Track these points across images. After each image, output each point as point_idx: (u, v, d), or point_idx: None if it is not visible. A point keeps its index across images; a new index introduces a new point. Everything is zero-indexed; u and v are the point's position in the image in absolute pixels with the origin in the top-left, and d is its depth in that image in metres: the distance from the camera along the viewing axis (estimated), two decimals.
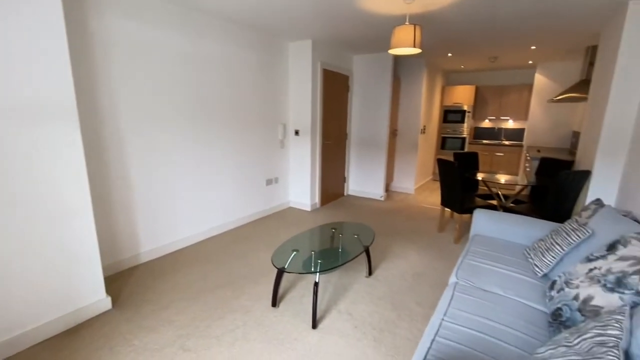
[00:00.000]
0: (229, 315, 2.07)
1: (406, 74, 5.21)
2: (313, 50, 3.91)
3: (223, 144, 3.34)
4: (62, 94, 1.74)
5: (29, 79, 1.62)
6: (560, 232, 1.85)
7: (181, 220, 3.03)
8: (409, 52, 2.58)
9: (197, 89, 2.98)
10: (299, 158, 4.28)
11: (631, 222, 1.60)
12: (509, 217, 2.40)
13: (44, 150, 1.71)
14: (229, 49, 3.23)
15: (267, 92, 3.81)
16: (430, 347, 1.24)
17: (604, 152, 2.68)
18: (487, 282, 1.73)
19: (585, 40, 3.72)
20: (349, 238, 2.47)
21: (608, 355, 0.86)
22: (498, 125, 6.35)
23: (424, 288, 2.43)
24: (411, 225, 3.84)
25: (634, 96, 2.52)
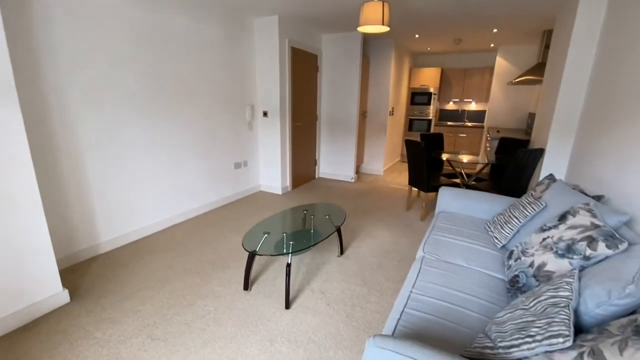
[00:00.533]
0: (199, 301, 2.02)
1: (375, 54, 5.19)
2: (280, 27, 3.75)
3: (187, 125, 3.16)
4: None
5: None
6: (518, 206, 1.97)
7: (142, 207, 2.87)
8: (378, 30, 2.55)
9: (155, 65, 2.76)
10: (269, 140, 4.17)
11: (579, 194, 1.73)
12: (472, 193, 2.52)
13: None
14: (189, 23, 3.01)
15: (232, 70, 3.62)
16: (399, 317, 1.28)
17: (556, 131, 2.86)
18: (452, 255, 1.82)
19: (543, 24, 3.89)
20: (320, 219, 2.47)
21: (560, 315, 0.93)
22: (462, 107, 6.59)
23: (393, 263, 2.52)
24: (380, 205, 3.93)
25: (584, 79, 2.68)
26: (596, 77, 2.50)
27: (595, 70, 2.55)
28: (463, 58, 6.33)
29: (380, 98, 5.32)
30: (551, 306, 0.99)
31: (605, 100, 2.27)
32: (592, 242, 1.23)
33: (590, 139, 2.42)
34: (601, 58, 2.46)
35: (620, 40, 2.17)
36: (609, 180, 1.98)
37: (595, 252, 1.20)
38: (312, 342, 1.70)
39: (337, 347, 1.66)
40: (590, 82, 2.62)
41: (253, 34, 3.86)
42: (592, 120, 2.45)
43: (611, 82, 2.22)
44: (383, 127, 5.39)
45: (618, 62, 2.15)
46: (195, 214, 3.43)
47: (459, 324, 1.26)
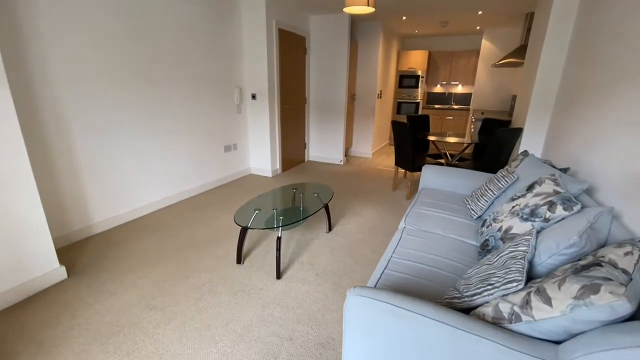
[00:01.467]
0: (194, 274, 2.12)
1: (363, 37, 5.21)
2: (267, 7, 3.73)
3: (176, 108, 3.18)
4: None
5: None
6: (493, 180, 2.10)
7: (134, 189, 2.91)
8: (363, 11, 2.59)
9: (142, 44, 2.75)
10: (258, 123, 4.21)
11: (548, 167, 1.87)
12: (452, 170, 2.65)
13: None
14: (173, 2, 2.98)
15: (220, 52, 3.62)
16: (380, 277, 1.41)
17: (534, 111, 3.00)
18: (431, 225, 1.95)
19: (526, 6, 3.97)
20: (309, 197, 2.57)
21: (516, 265, 1.07)
22: (449, 90, 6.69)
23: (378, 237, 2.65)
24: (368, 185, 4.05)
25: (560, 60, 2.80)
26: (570, 60, 2.62)
27: (570, 51, 2.67)
28: (450, 41, 6.39)
29: (368, 81, 5.37)
30: (510, 259, 1.12)
31: (576, 82, 2.40)
32: (551, 206, 1.37)
33: (564, 118, 2.55)
34: (576, 40, 2.57)
35: (590, 27, 2.28)
36: (577, 155, 2.12)
37: (553, 214, 1.34)
38: (302, 307, 1.82)
39: (325, 310, 1.80)
40: (565, 65, 2.74)
41: (240, 13, 3.84)
42: (565, 101, 2.58)
43: (580, 66, 2.34)
44: (371, 110, 5.47)
45: (589, 45, 2.27)
46: (187, 195, 3.49)
47: (433, 281, 1.40)
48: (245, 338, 1.60)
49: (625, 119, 1.57)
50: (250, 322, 1.71)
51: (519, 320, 0.90)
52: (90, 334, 1.62)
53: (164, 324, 1.69)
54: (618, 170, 1.55)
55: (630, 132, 1.50)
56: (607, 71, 1.88)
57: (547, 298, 0.85)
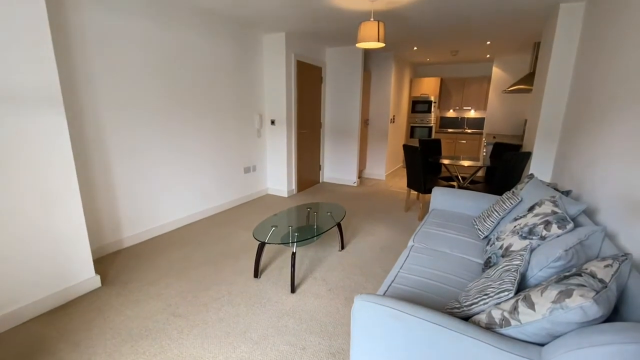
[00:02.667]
0: (214, 287, 2.27)
1: (376, 66, 5.50)
2: (287, 43, 4.08)
3: (201, 133, 3.47)
4: (48, 83, 1.84)
5: (17, 69, 1.71)
6: (499, 202, 2.20)
7: (161, 207, 3.15)
8: (374, 46, 2.83)
9: (174, 79, 3.08)
10: (276, 146, 4.46)
11: (550, 189, 1.96)
12: (461, 192, 2.75)
13: (34, 139, 1.81)
14: (204, 40, 3.34)
15: (243, 82, 3.94)
16: (386, 290, 1.52)
17: (542, 135, 3.09)
18: (438, 244, 2.05)
19: (533, 36, 4.15)
20: (323, 215, 2.72)
21: (509, 277, 1.17)
22: (461, 115, 6.83)
23: (389, 257, 2.74)
24: (381, 206, 4.16)
25: (565, 87, 2.92)
26: (574, 88, 2.74)
27: (573, 80, 2.79)
28: (461, 68, 6.60)
29: (381, 107, 5.60)
30: (505, 272, 1.23)
31: (579, 109, 2.51)
32: (547, 225, 1.46)
33: (570, 143, 2.64)
34: (577, 70, 2.70)
35: (590, 56, 2.42)
36: (580, 179, 2.20)
37: (549, 233, 1.43)
38: (314, 319, 1.93)
39: (336, 323, 1.89)
40: (570, 92, 2.85)
41: (262, 48, 4.19)
42: (570, 126, 2.68)
43: (583, 92, 2.46)
44: (384, 134, 5.66)
45: (588, 75, 2.40)
46: (208, 214, 3.70)
47: (437, 294, 1.49)
48: (261, 345, 1.72)
49: (618, 147, 1.67)
50: (265, 331, 1.83)
51: (508, 325, 1.00)
52: (122, 337, 1.78)
53: (187, 330, 1.83)
54: (615, 194, 1.64)
55: (622, 159, 1.60)
56: (601, 101, 2.00)
57: (531, 303, 0.96)
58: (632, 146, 1.54)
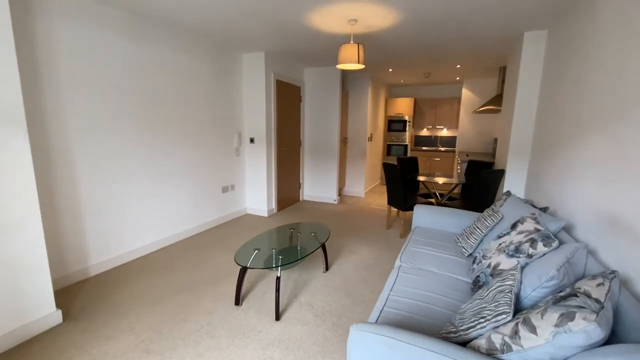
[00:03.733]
0: (192, 317, 2.11)
1: (353, 86, 5.63)
2: (266, 62, 4.09)
3: (177, 152, 3.33)
4: (9, 100, 1.69)
5: None
6: (480, 219, 2.24)
7: (133, 230, 2.95)
8: (354, 67, 2.89)
9: (149, 95, 2.97)
10: (255, 165, 4.38)
11: (529, 206, 2.03)
12: (443, 210, 2.79)
13: None
14: (182, 57, 3.27)
15: (221, 101, 3.88)
16: (379, 315, 1.47)
17: (514, 154, 3.24)
18: (425, 263, 2.04)
19: (499, 61, 4.43)
20: (306, 236, 2.65)
21: (504, 298, 1.16)
22: (434, 133, 7.09)
23: (375, 277, 2.70)
24: (362, 224, 4.15)
25: (532, 109, 3.11)
26: (541, 108, 2.92)
27: (539, 101, 2.98)
28: (433, 89, 6.92)
29: (359, 126, 5.70)
30: (498, 292, 1.22)
31: (547, 129, 2.66)
32: (533, 243, 1.49)
33: (540, 160, 2.79)
34: (543, 92, 2.89)
35: (554, 80, 2.60)
36: (553, 196, 2.30)
37: (535, 251, 1.46)
38: (302, 349, 1.83)
39: (325, 352, 1.80)
40: (537, 114, 3.04)
41: (241, 67, 4.17)
42: (540, 145, 2.83)
43: (550, 114, 2.62)
44: (363, 152, 5.73)
45: (553, 98, 2.56)
46: (184, 236, 3.51)
47: (429, 317, 1.46)
48: None
49: (590, 165, 1.77)
50: None
51: (510, 350, 0.97)
52: None
53: None
54: (591, 210, 1.71)
55: (594, 177, 1.69)
56: (566, 124, 2.13)
57: (532, 327, 0.94)
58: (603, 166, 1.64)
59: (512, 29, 2.95)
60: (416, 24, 2.86)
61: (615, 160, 1.52)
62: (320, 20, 2.78)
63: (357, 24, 2.87)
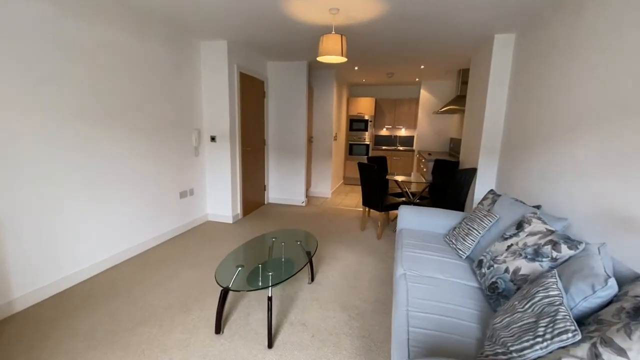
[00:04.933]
0: (163, 355, 1.72)
1: (318, 84, 5.44)
2: (229, 52, 3.69)
3: (125, 152, 2.80)
4: None
5: None
6: (474, 219, 2.20)
7: (72, 249, 2.39)
8: (336, 61, 2.69)
9: (87, 83, 2.43)
10: (217, 167, 3.94)
11: (522, 205, 2.02)
12: (427, 210, 2.74)
13: None
14: (130, 39, 2.75)
15: (177, 94, 3.39)
16: (408, 338, 1.29)
17: (485, 152, 3.34)
18: (428, 270, 1.92)
19: (459, 63, 4.60)
20: (292, 246, 2.38)
21: (560, 313, 1.05)
22: (394, 133, 7.24)
23: (364, 284, 2.54)
24: (335, 227, 3.98)
25: (501, 107, 3.22)
26: (511, 109, 3.02)
27: (509, 102, 3.09)
28: (393, 90, 7.04)
29: (324, 124, 5.53)
30: (548, 305, 1.11)
31: (521, 128, 2.75)
32: (555, 245, 1.44)
33: (513, 159, 2.88)
34: (513, 94, 2.99)
35: (526, 81, 2.69)
36: (536, 193, 2.37)
37: (560, 254, 1.40)
38: None
39: None
40: (507, 112, 3.15)
41: (199, 57, 3.71)
42: (512, 144, 2.93)
43: (523, 113, 2.72)
44: (329, 151, 5.58)
45: (526, 98, 2.65)
46: (139, 250, 2.98)
47: (460, 334, 1.32)
48: None
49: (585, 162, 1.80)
50: None
51: None
52: None
53: None
54: (589, 208, 1.74)
55: (596, 174, 1.71)
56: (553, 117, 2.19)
57: (620, 349, 0.83)
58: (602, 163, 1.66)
59: (486, 29, 3.00)
60: (397, 18, 2.76)
61: (616, 156, 1.54)
62: (300, 5, 2.52)
63: (338, 14, 2.67)
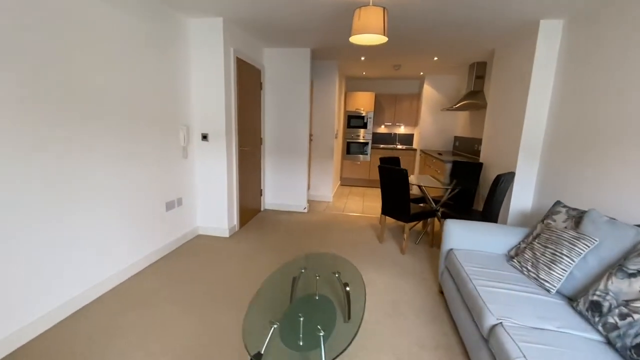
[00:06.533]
0: None
1: (319, 76, 4.87)
2: (225, 32, 3.04)
3: (97, 156, 2.12)
4: None
5: None
6: (560, 242, 1.76)
7: (22, 291, 1.71)
8: (374, 42, 2.17)
9: (46, 64, 1.74)
10: (210, 170, 3.30)
11: (625, 225, 1.61)
12: (479, 226, 2.29)
13: None
14: (99, 9, 2.06)
15: (161, 83, 2.71)
16: None
17: (524, 155, 2.95)
18: (526, 315, 1.46)
19: (475, 56, 4.20)
20: (329, 281, 1.84)
21: None
22: (393, 130, 6.82)
23: (412, 321, 2.04)
24: (350, 238, 3.47)
25: (544, 104, 2.84)
26: (560, 105, 2.63)
27: (555, 98, 2.70)
28: (392, 84, 6.60)
29: (325, 121, 4.98)
30: None
31: (576, 127, 2.38)
32: None
33: (564, 162, 2.50)
34: (561, 89, 2.61)
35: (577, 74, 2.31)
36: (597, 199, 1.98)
37: None
38: None
39: None
40: (551, 110, 2.77)
41: (186, 38, 3.03)
42: (561, 146, 2.56)
43: (576, 115, 2.35)
44: (330, 150, 5.04)
45: (581, 98, 2.28)
46: (114, 282, 2.31)
47: None
48: None
49: None
50: None
51: None
52: None
53: None
54: None
55: None
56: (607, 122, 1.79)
57: None
58: None
59: (532, 12, 2.58)
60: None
61: None
62: None
63: None
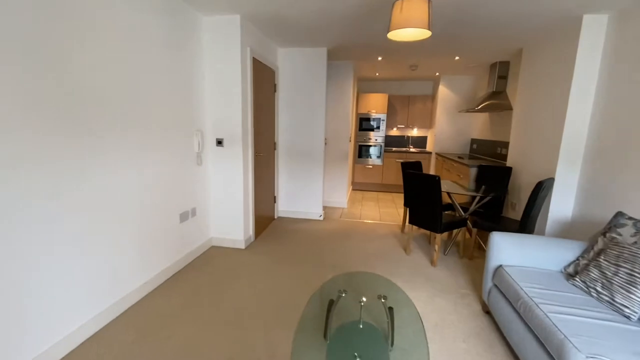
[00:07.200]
0: None
1: (333, 77, 4.67)
2: (242, 31, 2.85)
3: (105, 169, 1.92)
4: None
5: None
6: (637, 260, 1.55)
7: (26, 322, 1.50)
8: (417, 37, 1.96)
9: (47, 62, 1.54)
10: (224, 177, 3.09)
11: None
12: (530, 239, 2.08)
13: None
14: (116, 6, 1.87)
15: (176, 83, 2.51)
16: None
17: (564, 160, 2.74)
18: (616, 350, 1.25)
19: (498, 55, 4.01)
20: (376, 306, 1.63)
21: None
22: (406, 133, 6.61)
23: (459, 345, 1.83)
24: (372, 249, 3.25)
25: (587, 105, 2.64)
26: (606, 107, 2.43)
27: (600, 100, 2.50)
28: (404, 85, 6.40)
29: (340, 124, 4.78)
30: None
31: (628, 133, 2.18)
32: None
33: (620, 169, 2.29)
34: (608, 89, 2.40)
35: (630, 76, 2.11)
36: None
37: None
38: None
39: None
40: (594, 112, 2.57)
41: (201, 37, 2.84)
42: (614, 152, 2.34)
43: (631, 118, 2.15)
44: (344, 155, 4.84)
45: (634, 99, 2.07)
46: (123, 307, 2.09)
47: None
48: None
49: None
50: None
51: None
52: None
53: None
54: None
55: None
56: None
57: None
58: None
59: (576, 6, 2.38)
60: None
61: None
62: None
63: None
